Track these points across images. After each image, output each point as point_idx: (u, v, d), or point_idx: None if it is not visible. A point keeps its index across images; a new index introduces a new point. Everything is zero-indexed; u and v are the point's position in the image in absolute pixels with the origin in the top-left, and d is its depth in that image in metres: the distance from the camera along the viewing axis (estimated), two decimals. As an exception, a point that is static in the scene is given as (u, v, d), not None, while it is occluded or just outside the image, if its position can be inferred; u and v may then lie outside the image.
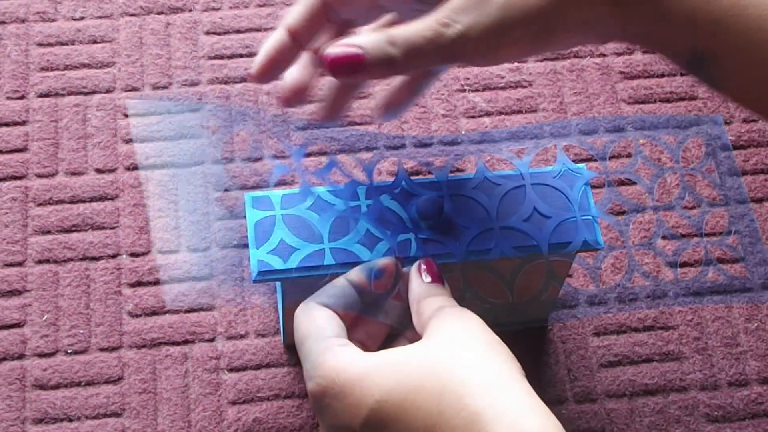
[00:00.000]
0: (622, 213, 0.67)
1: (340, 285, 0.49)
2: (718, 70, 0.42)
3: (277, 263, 0.50)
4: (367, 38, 0.43)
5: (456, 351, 0.42)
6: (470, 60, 0.44)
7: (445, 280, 0.49)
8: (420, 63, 0.43)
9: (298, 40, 0.48)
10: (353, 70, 0.43)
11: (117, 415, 0.61)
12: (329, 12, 0.48)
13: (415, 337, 0.47)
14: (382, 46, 0.43)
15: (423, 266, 0.49)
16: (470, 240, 0.51)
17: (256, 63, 0.48)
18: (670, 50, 0.43)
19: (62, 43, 0.72)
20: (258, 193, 0.52)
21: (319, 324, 0.47)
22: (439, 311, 0.46)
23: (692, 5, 0.41)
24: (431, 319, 0.45)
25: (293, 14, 0.47)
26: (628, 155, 0.69)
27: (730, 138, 0.71)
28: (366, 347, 0.48)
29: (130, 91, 0.70)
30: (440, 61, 0.43)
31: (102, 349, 0.62)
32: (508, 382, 0.41)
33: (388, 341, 0.50)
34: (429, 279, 0.48)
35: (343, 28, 0.49)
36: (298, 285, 0.51)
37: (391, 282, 0.49)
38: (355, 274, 0.49)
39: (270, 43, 0.48)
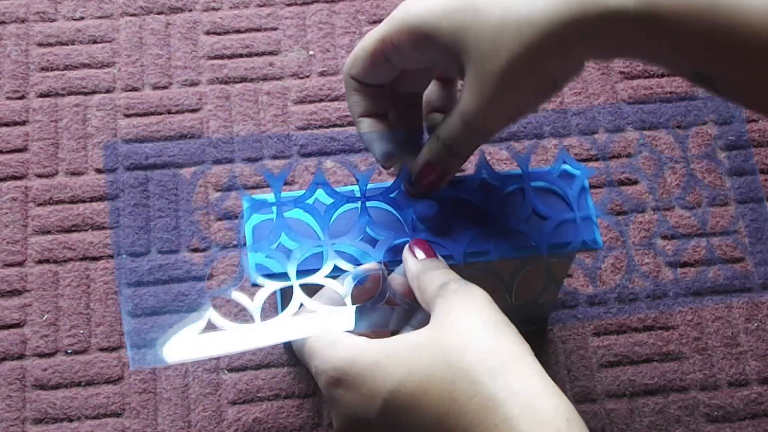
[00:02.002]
0: (623, 213, 0.67)
1: (326, 294, 0.49)
2: (721, 84, 0.44)
3: (274, 267, 0.50)
4: (426, 152, 0.50)
5: (465, 337, 0.42)
6: (504, 127, 0.49)
7: (439, 255, 0.49)
8: (472, 147, 0.49)
9: (379, 113, 0.52)
10: (438, 180, 0.51)
11: (117, 415, 0.61)
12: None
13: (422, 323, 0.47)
14: (441, 150, 0.49)
15: (414, 246, 0.49)
16: (469, 242, 0.51)
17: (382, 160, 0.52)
18: (673, 71, 0.46)
19: (62, 43, 0.72)
20: (256, 196, 0.52)
21: None
22: (443, 289, 0.46)
23: (683, 37, 0.42)
24: (437, 299, 0.45)
25: (354, 105, 0.52)
26: (629, 155, 0.69)
27: (730, 138, 0.71)
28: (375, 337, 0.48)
29: (130, 91, 0.70)
30: (483, 139, 0.49)
31: (102, 349, 0.62)
32: (519, 364, 0.41)
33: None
34: (423, 256, 0.48)
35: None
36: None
37: (377, 287, 0.49)
38: (338, 284, 0.49)
39: (364, 129, 0.52)
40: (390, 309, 0.49)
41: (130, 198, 0.67)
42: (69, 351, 0.62)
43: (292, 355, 0.62)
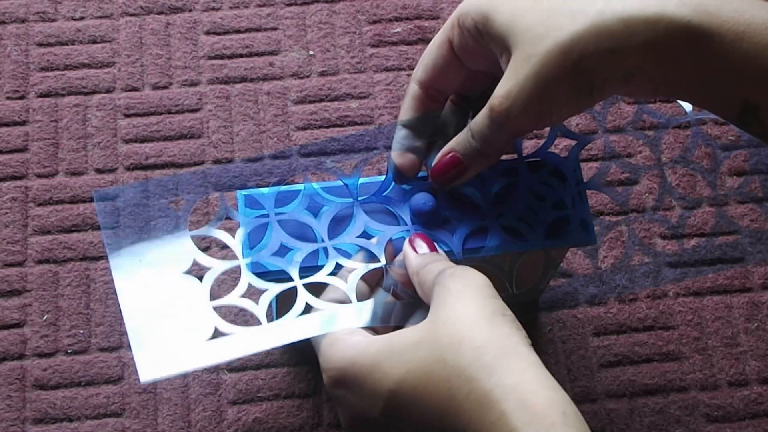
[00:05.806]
0: (623, 213, 0.67)
1: (330, 292, 0.49)
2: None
3: (270, 264, 0.50)
4: (454, 140, 0.48)
5: (460, 333, 0.42)
6: (531, 129, 0.47)
7: (440, 248, 0.49)
8: (496, 143, 0.47)
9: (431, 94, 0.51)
10: (457, 174, 0.49)
11: (117, 415, 0.61)
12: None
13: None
14: (468, 142, 0.47)
15: (415, 240, 0.49)
16: (465, 236, 0.51)
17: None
18: (720, 103, 0.44)
19: (62, 43, 0.72)
20: (251, 191, 0.52)
21: None
22: (440, 276, 0.45)
23: (738, 57, 0.41)
24: (435, 287, 0.45)
25: (405, 111, 0.51)
26: (629, 155, 0.69)
27: (730, 138, 0.71)
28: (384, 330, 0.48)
29: (130, 91, 0.70)
30: (508, 134, 0.46)
31: (102, 349, 0.62)
32: (514, 358, 0.41)
33: None
34: (425, 249, 0.48)
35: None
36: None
37: (392, 253, 0.49)
38: (342, 282, 0.49)
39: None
40: (393, 303, 0.49)
41: (130, 198, 0.67)
42: (69, 351, 0.62)
43: (292, 355, 0.62)
